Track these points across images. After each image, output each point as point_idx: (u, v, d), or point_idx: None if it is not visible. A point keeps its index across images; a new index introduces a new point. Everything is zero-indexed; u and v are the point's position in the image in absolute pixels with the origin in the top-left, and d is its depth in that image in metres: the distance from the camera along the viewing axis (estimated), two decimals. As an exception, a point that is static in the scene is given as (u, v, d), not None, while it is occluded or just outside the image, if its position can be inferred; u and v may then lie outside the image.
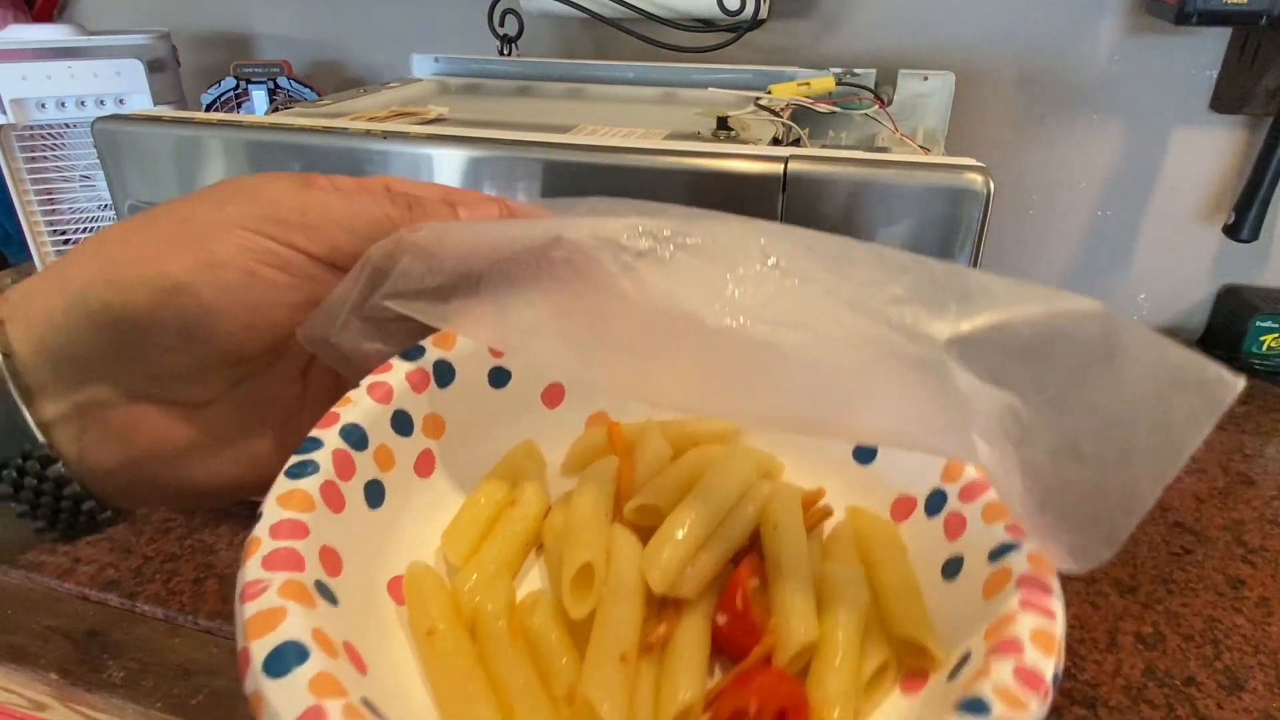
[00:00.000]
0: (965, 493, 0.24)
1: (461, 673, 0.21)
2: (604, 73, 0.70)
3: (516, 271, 0.26)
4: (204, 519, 0.56)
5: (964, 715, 0.17)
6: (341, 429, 0.23)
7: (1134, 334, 0.20)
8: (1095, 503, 0.19)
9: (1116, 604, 0.48)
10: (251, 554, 0.19)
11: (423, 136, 0.42)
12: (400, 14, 0.90)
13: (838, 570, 0.24)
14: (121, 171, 0.46)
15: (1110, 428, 0.20)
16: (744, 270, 0.23)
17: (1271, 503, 0.57)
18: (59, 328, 0.23)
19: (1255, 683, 0.43)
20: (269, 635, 0.17)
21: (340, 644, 0.19)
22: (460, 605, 0.23)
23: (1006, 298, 0.21)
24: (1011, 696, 0.17)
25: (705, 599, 0.24)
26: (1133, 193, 0.78)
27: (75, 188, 0.82)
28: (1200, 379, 0.19)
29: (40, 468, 0.24)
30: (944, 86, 0.64)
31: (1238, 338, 0.75)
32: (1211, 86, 0.73)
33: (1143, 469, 0.19)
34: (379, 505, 0.24)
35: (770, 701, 0.20)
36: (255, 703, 0.17)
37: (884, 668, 0.22)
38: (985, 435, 0.20)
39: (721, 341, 0.23)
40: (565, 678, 0.22)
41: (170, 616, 0.49)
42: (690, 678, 0.22)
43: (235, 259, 0.24)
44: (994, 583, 0.21)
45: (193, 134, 0.44)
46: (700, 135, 0.48)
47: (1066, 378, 0.20)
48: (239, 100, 0.86)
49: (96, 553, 0.53)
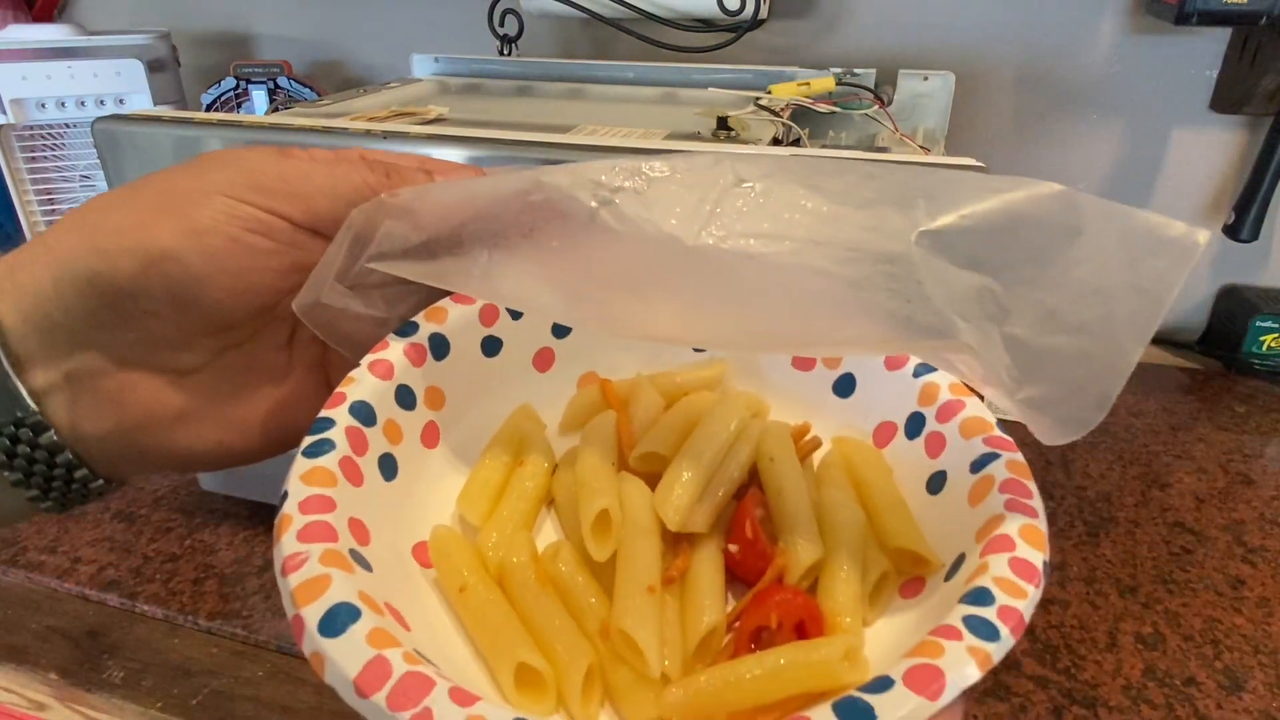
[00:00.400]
0: (942, 413, 0.26)
1: (499, 621, 0.23)
2: (604, 73, 0.70)
3: (498, 219, 0.26)
4: (204, 519, 0.56)
5: (970, 606, 0.18)
6: (351, 407, 0.24)
7: (1096, 207, 0.21)
8: (1081, 367, 0.20)
9: (1116, 604, 0.48)
10: (285, 530, 0.20)
11: (423, 136, 0.42)
12: (400, 14, 0.90)
13: (832, 494, 0.26)
14: (121, 171, 0.46)
15: (1087, 295, 0.21)
16: (719, 192, 0.24)
17: (1271, 503, 0.57)
18: (47, 297, 0.23)
19: (1255, 683, 0.43)
20: (319, 601, 0.18)
21: (383, 604, 0.20)
22: (486, 561, 0.24)
23: (970, 190, 0.22)
24: (1011, 584, 0.19)
25: (715, 532, 0.25)
26: (1133, 193, 0.78)
27: (75, 188, 0.82)
28: (1166, 237, 0.20)
29: (33, 435, 0.24)
30: (944, 86, 0.64)
31: (1238, 338, 0.75)
32: (1211, 86, 0.73)
33: (1123, 329, 0.20)
34: (393, 477, 0.25)
35: (789, 615, 0.22)
36: (317, 663, 0.17)
37: (884, 578, 0.24)
38: (965, 316, 0.21)
39: (704, 260, 0.23)
40: (597, 615, 0.23)
41: (170, 616, 0.49)
42: (711, 603, 0.23)
43: (220, 226, 0.24)
44: (978, 490, 0.23)
45: (193, 134, 0.44)
46: (700, 135, 0.48)
47: (1038, 255, 0.21)
48: (239, 100, 0.86)
49: (96, 553, 0.53)
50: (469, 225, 0.26)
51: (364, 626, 0.18)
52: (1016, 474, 0.22)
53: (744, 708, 0.20)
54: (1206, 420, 0.68)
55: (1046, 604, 0.48)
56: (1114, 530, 0.55)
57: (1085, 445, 0.64)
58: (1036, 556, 0.20)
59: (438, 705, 0.17)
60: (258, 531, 0.55)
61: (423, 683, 0.17)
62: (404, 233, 0.26)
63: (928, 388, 0.27)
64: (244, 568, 0.52)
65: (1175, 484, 0.60)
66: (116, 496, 0.58)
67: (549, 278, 0.25)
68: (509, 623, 0.23)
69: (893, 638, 0.22)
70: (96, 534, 0.55)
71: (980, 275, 0.22)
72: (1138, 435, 0.65)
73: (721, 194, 0.24)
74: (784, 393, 0.31)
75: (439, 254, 0.26)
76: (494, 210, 0.26)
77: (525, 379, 0.31)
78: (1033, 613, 0.19)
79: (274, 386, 0.29)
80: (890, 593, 0.24)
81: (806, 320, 0.23)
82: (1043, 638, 0.46)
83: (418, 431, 0.27)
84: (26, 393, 0.24)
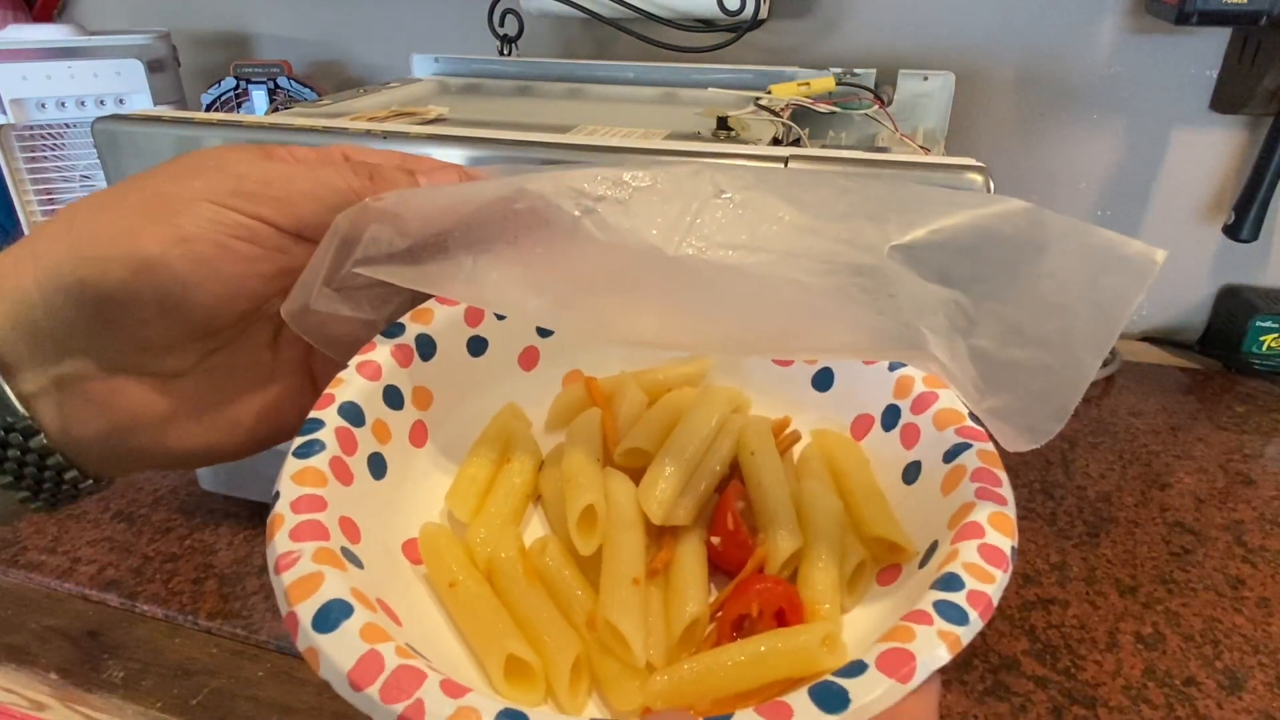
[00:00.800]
0: (916, 405, 0.27)
1: (488, 615, 0.23)
2: (604, 73, 0.70)
3: (482, 226, 0.26)
4: (204, 519, 0.56)
5: (940, 591, 0.19)
6: (340, 407, 0.24)
7: (1059, 224, 0.22)
8: (1042, 380, 0.21)
9: (1116, 604, 0.48)
10: (277, 529, 0.20)
11: (423, 136, 0.42)
12: (400, 14, 0.90)
13: (811, 486, 0.27)
14: (121, 171, 0.46)
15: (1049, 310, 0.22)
16: (699, 204, 0.25)
17: (1271, 503, 0.57)
18: (33, 304, 0.24)
19: (1255, 683, 0.43)
20: (312, 598, 0.19)
21: (375, 601, 0.20)
22: (475, 556, 0.25)
23: (940, 206, 0.23)
24: (980, 570, 0.20)
25: (698, 524, 0.26)
26: (1132, 193, 0.78)
27: (75, 188, 0.82)
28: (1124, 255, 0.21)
29: (23, 440, 0.24)
30: (944, 86, 0.64)
31: (1238, 338, 0.75)
32: (1211, 86, 0.73)
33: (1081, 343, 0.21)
34: (382, 476, 0.25)
35: (769, 603, 0.23)
36: (311, 658, 0.18)
37: (861, 566, 0.24)
38: (934, 329, 0.22)
39: (685, 270, 0.24)
40: (583, 607, 0.24)
41: (170, 616, 0.49)
42: (694, 593, 0.24)
43: (205, 233, 0.24)
44: (950, 480, 0.24)
45: (193, 134, 0.44)
46: (700, 135, 0.48)
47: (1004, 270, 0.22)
48: (239, 100, 0.86)
49: (96, 553, 0.53)
50: (454, 231, 0.26)
51: (356, 622, 0.18)
52: (987, 463, 0.23)
53: (726, 694, 0.21)
54: (1206, 420, 0.68)
55: (1047, 604, 0.48)
56: (1114, 530, 0.55)
57: (1085, 445, 0.64)
58: (1005, 542, 0.20)
59: (429, 697, 0.17)
60: (258, 531, 0.55)
61: (414, 675, 0.18)
62: (389, 237, 0.26)
63: (903, 381, 0.28)
64: (244, 568, 0.52)
65: (1175, 484, 0.60)
66: (116, 496, 0.58)
67: (534, 283, 0.26)
68: (498, 616, 0.23)
69: (870, 623, 0.23)
70: (96, 534, 0.55)
71: (949, 289, 0.22)
72: (1138, 435, 0.65)
73: (702, 205, 0.25)
74: (765, 388, 0.32)
75: (424, 259, 0.26)
76: (479, 217, 0.26)
77: (511, 378, 0.31)
78: (1001, 596, 0.19)
79: (260, 385, 0.29)
80: (868, 580, 0.24)
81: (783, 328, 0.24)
82: (1043, 638, 0.46)
83: (406, 431, 0.27)
84: (16, 398, 0.24)
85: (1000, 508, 0.21)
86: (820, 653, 0.20)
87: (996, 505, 0.21)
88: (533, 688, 0.22)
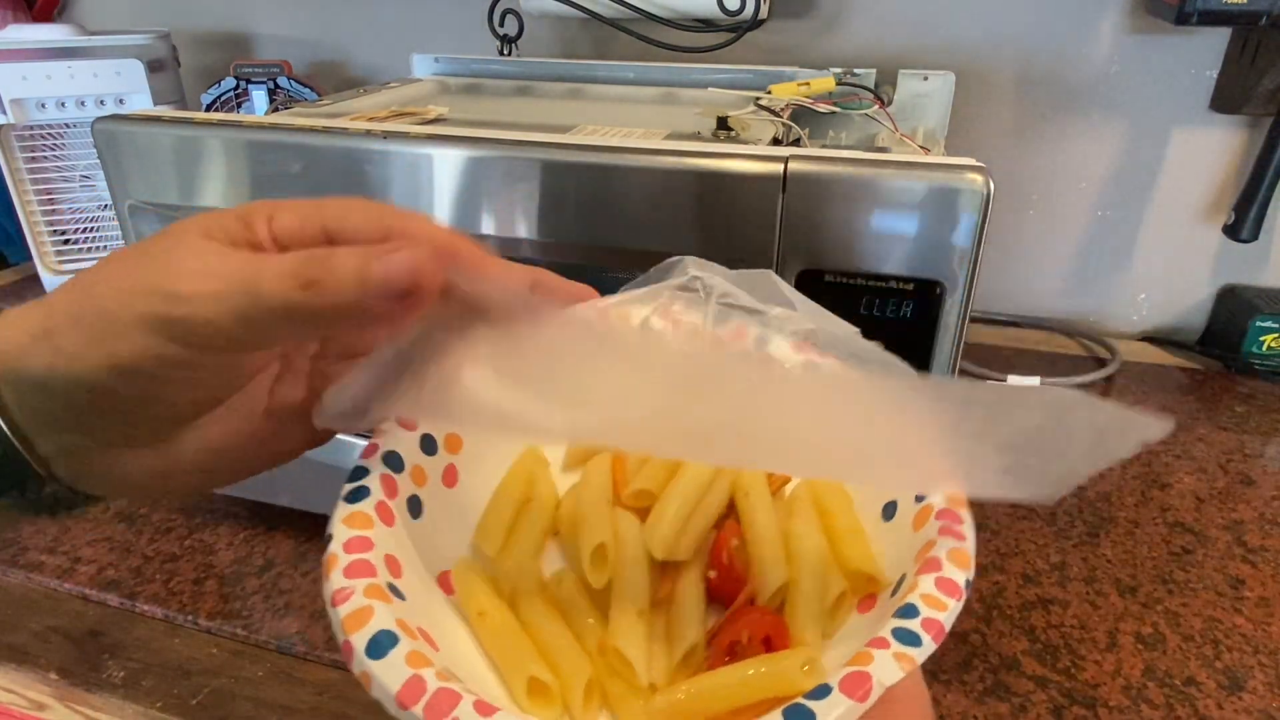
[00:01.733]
0: None
1: (512, 641, 0.26)
2: (604, 73, 0.70)
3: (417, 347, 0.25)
4: (204, 519, 0.57)
5: (899, 619, 0.21)
6: (383, 456, 0.27)
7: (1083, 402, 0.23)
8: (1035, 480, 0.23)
9: (1116, 604, 0.48)
10: (333, 568, 0.23)
11: (423, 136, 0.42)
12: (400, 14, 0.90)
13: (799, 525, 0.29)
14: (121, 171, 0.46)
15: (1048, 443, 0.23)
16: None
17: (1271, 503, 0.57)
18: (32, 390, 0.24)
19: (1255, 683, 0.43)
20: (364, 629, 0.21)
21: (416, 629, 0.23)
22: (500, 588, 0.28)
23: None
24: (934, 600, 0.22)
25: (697, 559, 0.29)
26: (1133, 193, 0.78)
27: (75, 188, 0.82)
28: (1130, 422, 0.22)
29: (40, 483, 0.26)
30: (944, 86, 0.64)
31: (1238, 338, 0.75)
32: (1211, 86, 0.73)
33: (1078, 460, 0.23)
34: (419, 516, 0.28)
35: (758, 631, 0.26)
36: (365, 680, 0.21)
37: (843, 596, 0.27)
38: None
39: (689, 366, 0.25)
40: (594, 634, 0.27)
41: (170, 616, 0.49)
42: (693, 622, 0.27)
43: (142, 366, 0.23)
44: (920, 518, 0.26)
45: (193, 134, 0.44)
46: (700, 135, 0.48)
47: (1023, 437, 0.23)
48: (239, 100, 0.86)
49: (96, 553, 0.53)
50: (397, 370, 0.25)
51: (402, 650, 0.21)
52: (951, 504, 0.25)
53: (719, 712, 0.23)
54: (1206, 420, 0.68)
55: (1047, 604, 0.48)
56: (1114, 530, 0.55)
57: (1085, 445, 0.64)
58: (960, 575, 0.23)
59: (465, 714, 0.20)
60: (258, 531, 0.55)
61: (452, 696, 0.20)
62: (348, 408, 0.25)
63: None
64: (244, 568, 0.52)
65: (1175, 484, 0.60)
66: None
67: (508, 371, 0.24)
68: (521, 642, 0.26)
69: (848, 648, 0.24)
70: (96, 534, 0.55)
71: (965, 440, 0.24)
72: (1138, 435, 0.65)
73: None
74: None
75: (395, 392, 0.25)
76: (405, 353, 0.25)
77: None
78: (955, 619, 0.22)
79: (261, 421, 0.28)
80: (849, 609, 0.27)
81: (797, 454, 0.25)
82: (1043, 638, 0.46)
83: (439, 473, 0.29)
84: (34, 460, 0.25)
85: (959, 544, 0.24)
86: (800, 676, 0.22)
87: (956, 541, 0.24)
88: (551, 705, 0.25)
